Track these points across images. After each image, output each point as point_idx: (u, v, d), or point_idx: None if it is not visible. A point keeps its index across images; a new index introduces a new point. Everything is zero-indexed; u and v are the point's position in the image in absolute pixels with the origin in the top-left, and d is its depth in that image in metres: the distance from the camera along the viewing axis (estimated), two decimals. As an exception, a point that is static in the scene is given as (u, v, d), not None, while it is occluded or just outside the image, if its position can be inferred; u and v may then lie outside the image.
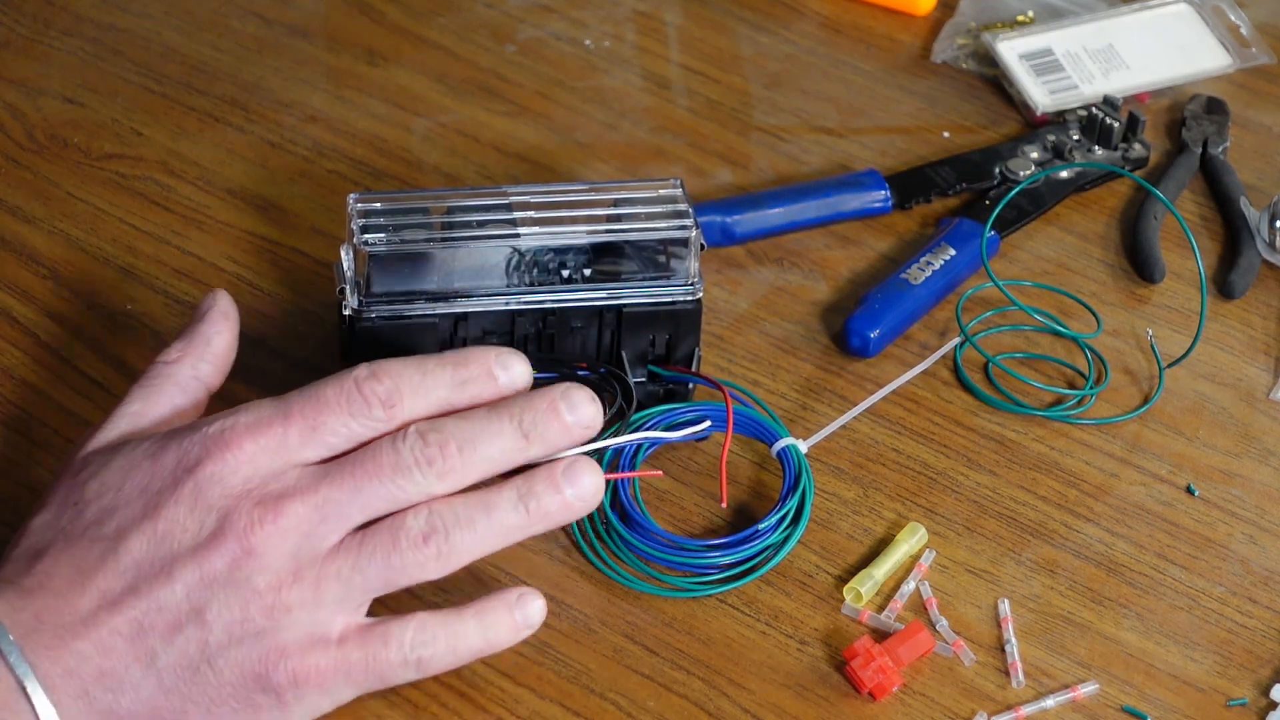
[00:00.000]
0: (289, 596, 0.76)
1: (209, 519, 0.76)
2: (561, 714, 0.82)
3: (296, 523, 0.76)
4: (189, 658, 0.75)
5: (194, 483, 0.77)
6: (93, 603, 0.75)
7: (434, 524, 0.78)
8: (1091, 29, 1.19)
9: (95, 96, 1.12)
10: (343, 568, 0.77)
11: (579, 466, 0.80)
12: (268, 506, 0.76)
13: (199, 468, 0.77)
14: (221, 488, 0.77)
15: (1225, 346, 1.01)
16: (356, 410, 0.78)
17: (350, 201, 0.91)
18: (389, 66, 1.16)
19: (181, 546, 0.76)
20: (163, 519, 0.76)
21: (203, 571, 0.75)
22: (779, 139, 1.13)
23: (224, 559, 0.76)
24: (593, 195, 0.93)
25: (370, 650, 0.77)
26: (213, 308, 0.87)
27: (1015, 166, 1.09)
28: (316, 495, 0.77)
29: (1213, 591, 0.89)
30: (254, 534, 0.76)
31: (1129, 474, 0.94)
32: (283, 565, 0.76)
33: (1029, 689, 0.84)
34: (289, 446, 0.78)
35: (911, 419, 0.96)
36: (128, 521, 0.76)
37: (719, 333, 1.00)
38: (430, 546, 0.77)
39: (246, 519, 0.76)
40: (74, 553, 0.76)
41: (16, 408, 0.94)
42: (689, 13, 1.21)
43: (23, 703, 0.73)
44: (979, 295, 1.02)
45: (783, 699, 0.83)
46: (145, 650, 0.75)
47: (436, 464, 0.78)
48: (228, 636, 0.75)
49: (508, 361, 0.81)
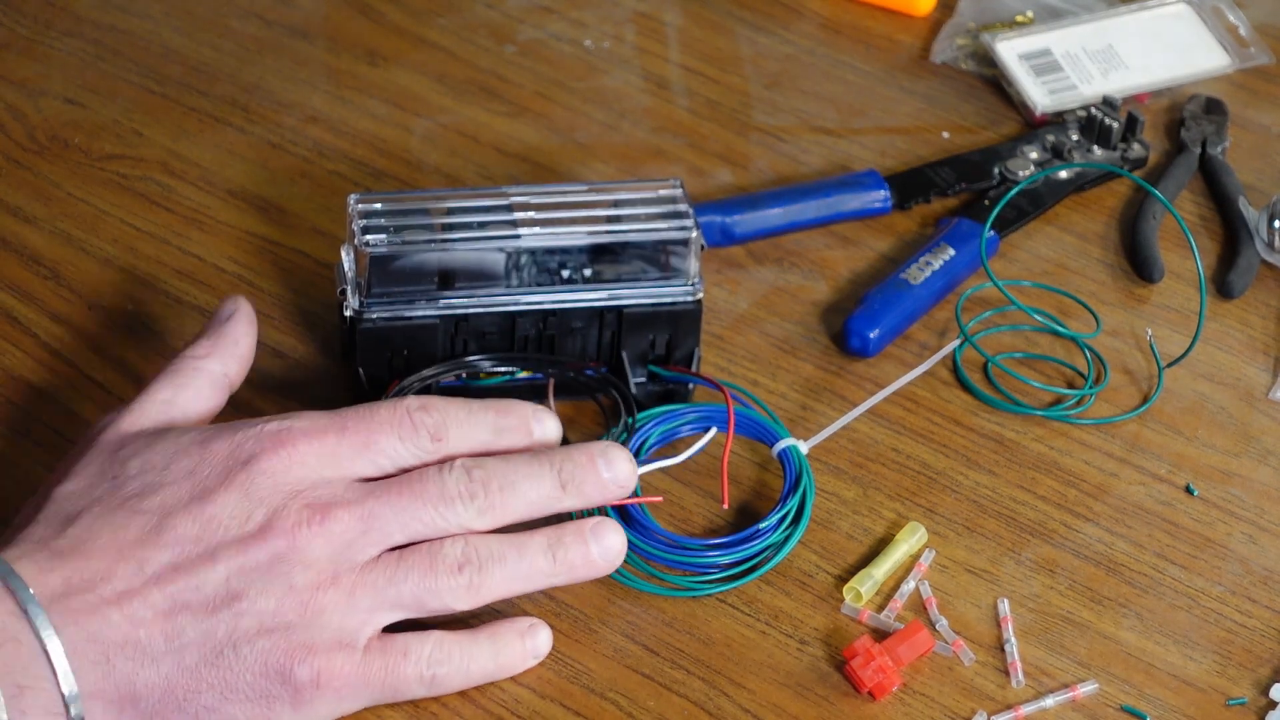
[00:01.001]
0: (324, 598, 0.78)
1: (258, 511, 0.78)
2: (561, 714, 0.82)
3: (341, 530, 0.78)
4: (216, 641, 0.76)
5: (247, 474, 0.78)
6: (129, 572, 0.76)
7: (469, 554, 0.80)
8: (1091, 29, 1.19)
9: (96, 97, 1.12)
10: (378, 580, 0.79)
11: (606, 526, 0.83)
12: (316, 509, 0.78)
13: (254, 461, 0.79)
14: (273, 483, 0.78)
15: (1224, 346, 1.01)
16: (406, 435, 0.81)
17: (351, 202, 0.91)
18: (389, 67, 1.16)
19: (227, 533, 0.77)
20: (212, 503, 0.78)
21: (245, 559, 0.77)
22: (779, 139, 1.13)
23: (267, 551, 0.77)
24: (593, 196, 0.93)
25: (389, 661, 0.79)
26: (238, 310, 0.88)
27: (1014, 167, 1.09)
28: (363, 508, 0.79)
29: (1212, 591, 0.89)
30: (300, 532, 0.78)
31: (1128, 474, 0.94)
32: (322, 567, 0.78)
33: (1029, 688, 0.84)
34: (341, 457, 0.80)
35: (911, 419, 0.96)
36: (174, 501, 0.78)
37: (719, 333, 1.00)
38: (464, 575, 0.80)
39: (295, 517, 0.78)
40: (113, 521, 0.77)
41: (16, 408, 0.94)
42: (689, 13, 1.22)
43: (43, 666, 0.73)
44: (978, 295, 1.02)
45: (783, 699, 0.83)
46: (174, 627, 0.76)
47: (478, 499, 0.81)
48: (258, 625, 0.76)
49: (543, 418, 0.85)
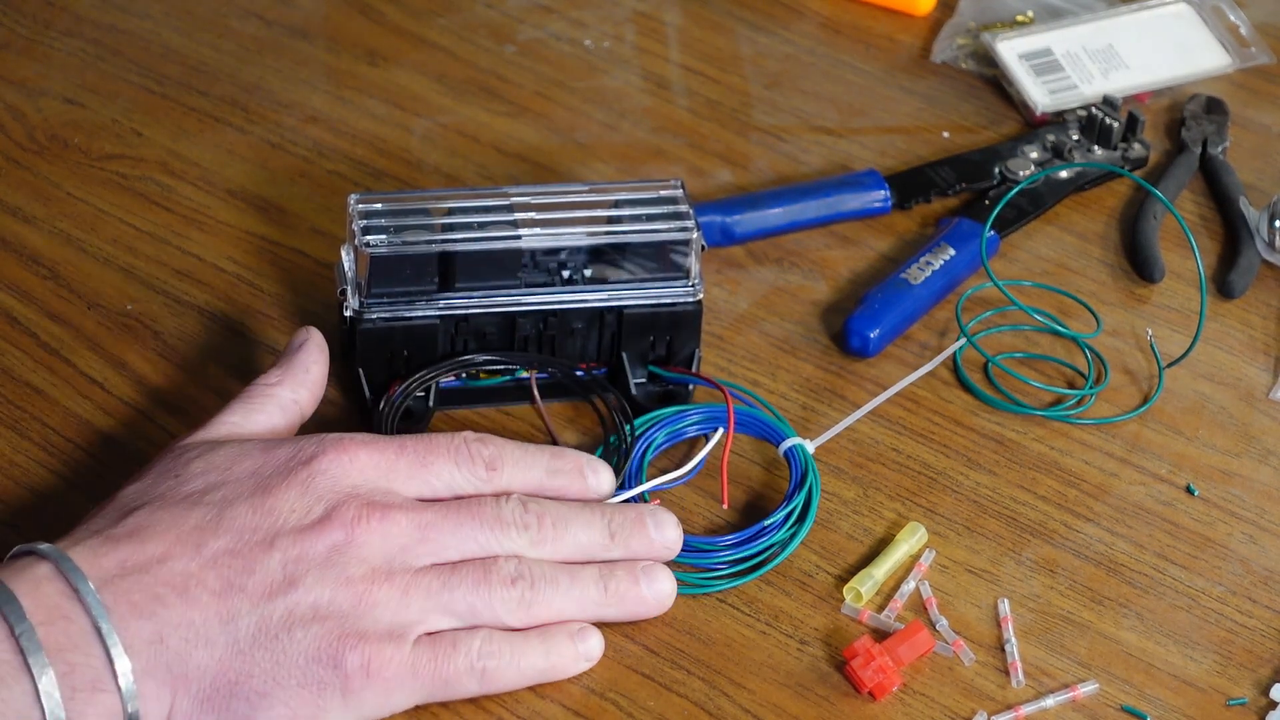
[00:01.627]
0: (378, 592, 0.79)
1: (317, 506, 0.80)
2: (561, 714, 0.82)
3: (398, 532, 0.80)
4: (270, 624, 0.77)
5: (308, 472, 0.80)
6: (186, 554, 0.77)
7: (523, 571, 0.81)
8: (1091, 29, 1.19)
9: (95, 97, 1.12)
10: (432, 583, 0.80)
11: (657, 569, 0.85)
12: (375, 508, 0.80)
13: (315, 460, 0.81)
14: (333, 482, 0.80)
15: (1225, 346, 1.01)
16: (462, 463, 0.83)
17: (351, 202, 0.91)
18: (389, 67, 1.16)
19: (287, 524, 0.79)
20: (272, 496, 0.79)
21: (303, 548, 0.78)
22: (779, 139, 1.13)
23: (325, 543, 0.79)
24: (593, 196, 0.93)
25: (439, 654, 0.79)
26: (309, 340, 0.90)
27: (1015, 166, 1.09)
28: (421, 518, 0.81)
29: (1212, 591, 0.89)
30: (359, 526, 0.79)
31: (1129, 474, 0.94)
32: (378, 563, 0.79)
33: (1029, 688, 0.84)
34: (398, 472, 0.82)
35: (911, 419, 0.96)
36: (235, 494, 0.79)
37: (719, 333, 1.00)
38: (516, 589, 0.81)
39: (354, 512, 0.80)
40: (173, 511, 0.78)
41: (16, 408, 0.94)
42: (689, 13, 1.22)
43: (96, 645, 0.74)
44: (979, 295, 1.02)
45: (783, 699, 0.83)
46: (229, 609, 0.76)
47: (532, 530, 0.82)
48: (312, 612, 0.77)
49: (598, 468, 0.87)
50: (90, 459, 0.91)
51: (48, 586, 0.74)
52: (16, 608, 0.73)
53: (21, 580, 0.75)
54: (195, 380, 0.95)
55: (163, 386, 0.95)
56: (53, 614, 0.74)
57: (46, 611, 0.74)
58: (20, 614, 0.73)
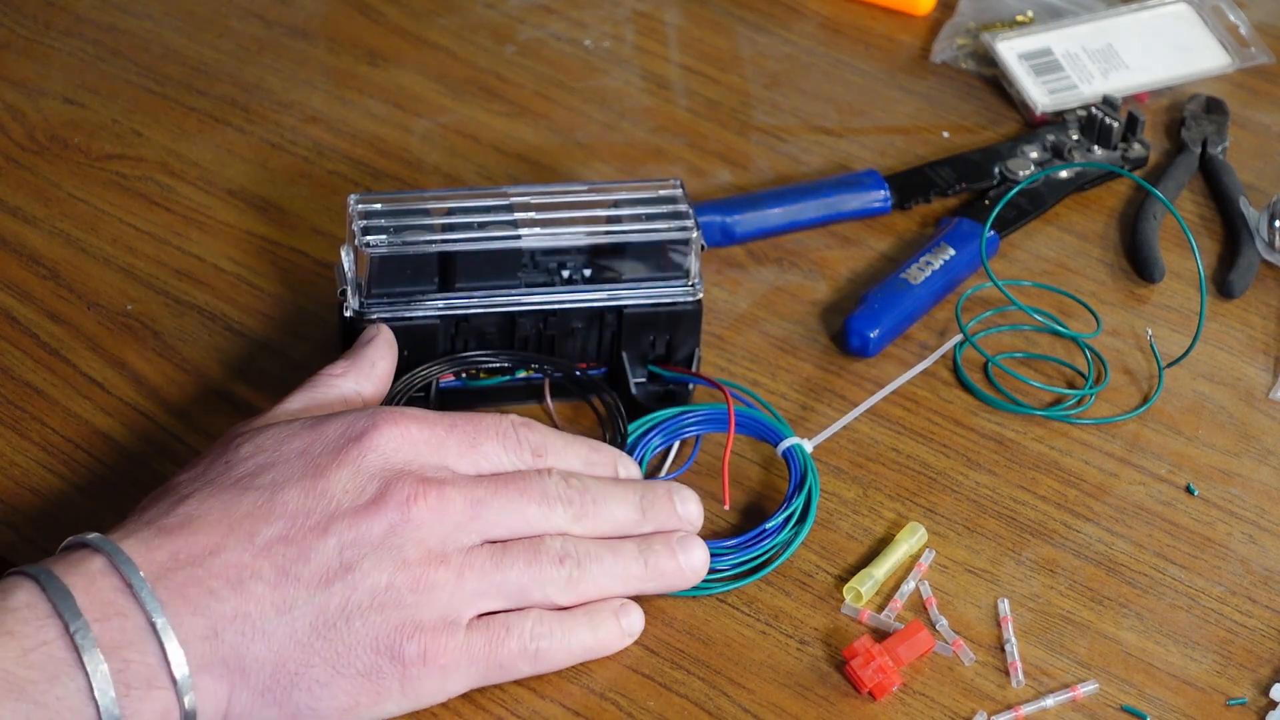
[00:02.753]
0: (435, 575, 0.78)
1: (371, 485, 0.79)
2: (561, 714, 0.82)
3: (452, 508, 0.80)
4: (327, 614, 0.77)
5: (359, 449, 0.79)
6: (239, 544, 0.76)
7: (569, 549, 0.82)
8: (1091, 29, 1.19)
9: (96, 97, 1.12)
10: (486, 564, 0.80)
11: (692, 540, 0.85)
12: (430, 485, 0.79)
13: (365, 437, 0.80)
14: (384, 460, 0.80)
15: (1225, 346, 1.01)
16: (510, 447, 0.83)
17: (351, 202, 0.91)
18: (389, 67, 1.16)
19: (340, 506, 0.78)
20: (324, 478, 0.79)
21: (358, 532, 0.78)
22: (779, 139, 1.13)
23: (382, 524, 0.78)
24: (593, 196, 0.93)
25: (493, 636, 0.80)
26: (377, 337, 0.89)
27: (1015, 166, 1.09)
28: (473, 494, 0.81)
29: (1212, 591, 0.89)
30: (415, 505, 0.79)
31: (1128, 474, 0.94)
32: (434, 544, 0.79)
33: (1029, 688, 0.84)
34: (448, 449, 0.82)
35: (911, 419, 0.96)
36: (286, 477, 0.79)
37: (719, 333, 1.00)
38: (565, 568, 0.81)
39: (410, 490, 0.79)
40: (224, 498, 0.78)
41: (16, 408, 0.94)
42: (689, 13, 1.22)
43: (151, 641, 0.74)
44: (979, 295, 1.02)
45: (783, 699, 0.83)
46: (285, 599, 0.76)
47: (575, 505, 0.83)
48: (370, 599, 0.77)
49: (628, 463, 0.88)
50: (90, 459, 0.92)
51: (102, 581, 0.74)
52: (71, 604, 0.73)
53: (76, 575, 0.74)
54: (195, 380, 0.95)
55: (163, 386, 0.95)
56: (107, 610, 0.73)
57: (101, 608, 0.73)
58: (75, 610, 0.73)
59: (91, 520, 0.88)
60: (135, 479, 0.90)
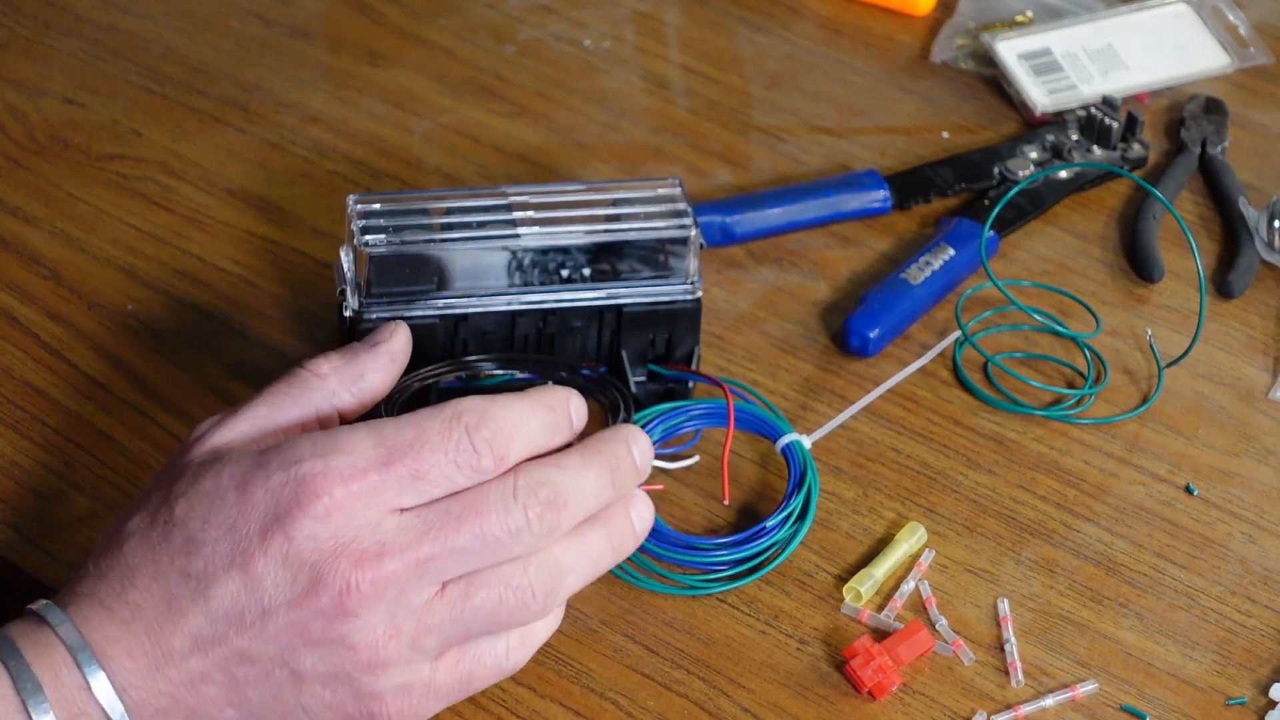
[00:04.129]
0: (386, 652, 0.74)
1: (302, 575, 0.73)
2: (561, 713, 0.82)
3: (393, 580, 0.74)
4: (283, 703, 0.75)
5: (284, 535, 0.73)
6: (184, 644, 0.74)
7: (542, 576, 0.76)
8: (1090, 29, 1.19)
9: (96, 97, 1.12)
10: (444, 620, 0.75)
11: (639, 499, 0.81)
12: (364, 565, 0.73)
13: (289, 519, 0.74)
14: (314, 543, 0.74)
15: (1224, 346, 1.01)
16: (464, 461, 0.76)
17: (350, 202, 0.91)
18: (389, 67, 1.16)
19: (274, 601, 0.74)
20: (253, 570, 0.74)
21: (297, 629, 0.74)
22: (779, 139, 1.13)
23: (320, 620, 0.73)
24: (592, 195, 0.93)
25: (462, 672, 0.77)
26: (382, 344, 0.84)
27: (1014, 166, 1.09)
28: (416, 553, 0.74)
29: (1212, 591, 0.89)
30: (350, 596, 0.73)
31: (1128, 473, 0.94)
32: (380, 623, 0.74)
33: (1028, 688, 0.84)
34: (385, 495, 0.75)
35: (911, 419, 0.96)
36: (215, 564, 0.74)
37: (719, 333, 1.00)
38: (538, 599, 0.76)
39: (342, 580, 0.73)
40: (165, 584, 0.75)
41: (17, 408, 0.94)
42: (689, 13, 1.22)
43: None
44: (978, 295, 1.02)
45: (783, 698, 0.83)
46: (237, 695, 0.74)
47: (547, 519, 0.76)
48: (322, 687, 0.75)
49: (578, 404, 0.80)
50: (90, 459, 0.92)
51: (65, 676, 0.73)
52: (41, 699, 0.72)
53: (44, 667, 0.73)
54: (195, 380, 0.96)
55: (163, 386, 0.95)
56: (72, 709, 0.73)
57: (67, 706, 0.73)
58: (45, 708, 0.72)
59: (91, 520, 0.88)
60: (135, 479, 0.90)
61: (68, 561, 0.87)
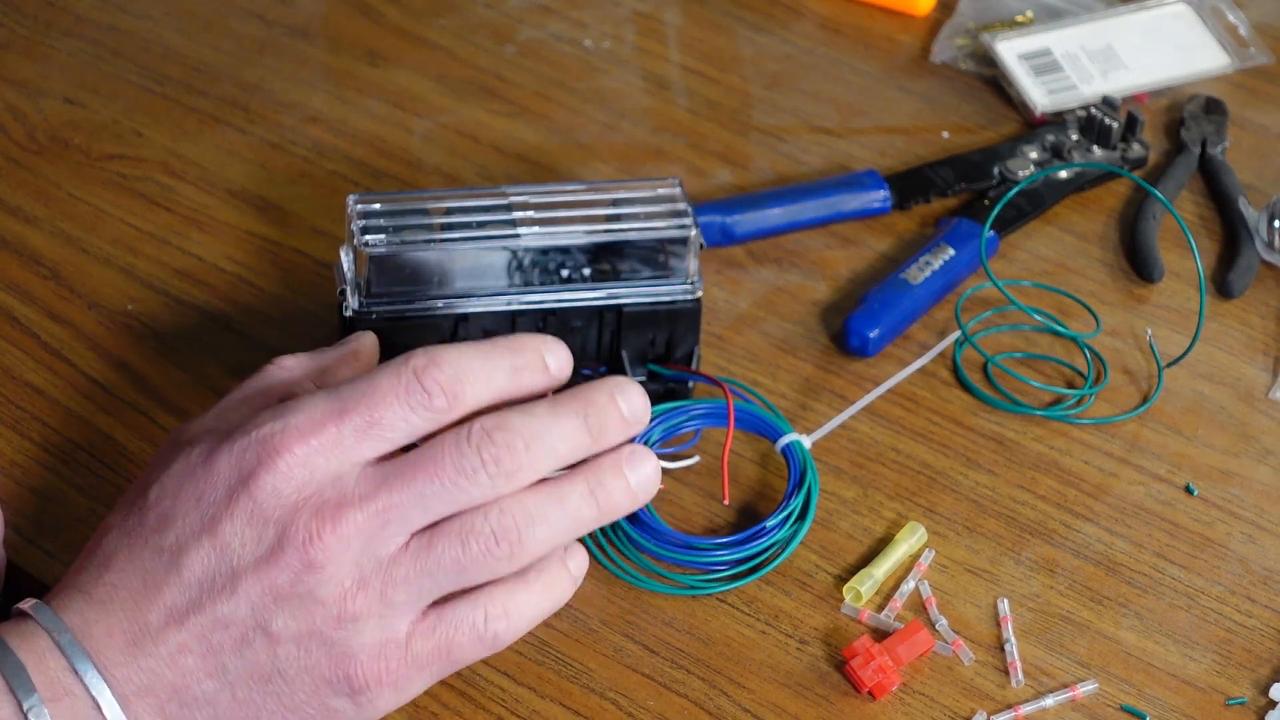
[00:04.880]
0: (355, 605, 0.75)
1: (267, 532, 0.74)
2: (561, 713, 0.82)
3: (356, 530, 0.74)
4: (260, 669, 0.75)
5: (248, 494, 0.75)
6: (160, 618, 0.74)
7: (504, 523, 0.76)
8: (1090, 29, 1.19)
9: (96, 97, 1.12)
10: (410, 573, 0.75)
11: (640, 454, 0.79)
12: (325, 516, 0.74)
13: (252, 479, 0.75)
14: (276, 498, 0.74)
15: (1224, 346, 1.01)
16: (417, 403, 0.75)
17: (350, 202, 0.91)
18: (389, 67, 1.16)
19: (243, 561, 0.74)
20: (220, 533, 0.75)
21: (265, 585, 0.74)
22: (779, 139, 1.13)
23: (287, 573, 0.74)
24: (592, 195, 0.93)
25: (439, 639, 0.76)
26: (349, 345, 0.86)
27: (1014, 166, 1.09)
28: (376, 502, 0.75)
29: (1211, 590, 0.89)
30: (313, 546, 0.74)
31: (1128, 473, 0.94)
32: (346, 575, 0.75)
33: (1028, 688, 0.84)
34: (344, 446, 0.75)
35: (911, 419, 0.96)
36: (186, 534, 0.75)
37: (719, 333, 1.00)
38: (502, 546, 0.75)
39: (305, 531, 0.74)
40: (139, 563, 0.76)
41: (17, 408, 0.94)
42: (689, 13, 1.22)
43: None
44: (978, 295, 1.02)
45: (783, 698, 0.83)
46: (216, 664, 0.75)
47: (504, 463, 0.75)
48: (296, 647, 0.75)
49: (555, 349, 0.79)
50: (90, 459, 0.92)
51: (50, 660, 0.74)
52: (26, 681, 0.73)
53: (29, 652, 0.74)
54: (195, 380, 0.96)
55: (163, 386, 0.95)
56: (57, 690, 0.73)
57: (52, 688, 0.73)
58: (30, 688, 0.72)
59: (91, 520, 0.88)
60: (135, 479, 0.90)
61: (67, 561, 0.86)
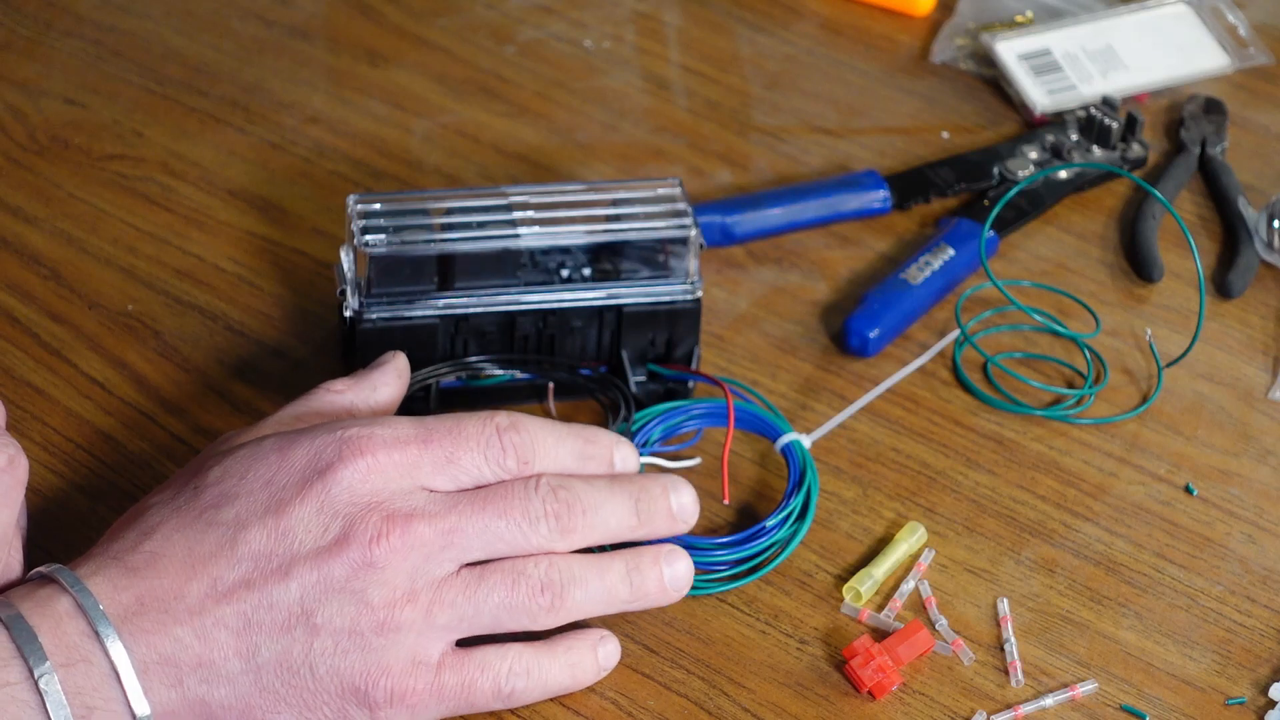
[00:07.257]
0: (401, 615, 0.76)
1: (334, 524, 0.76)
2: (561, 713, 0.82)
3: (421, 542, 0.77)
4: (291, 659, 0.75)
5: (323, 484, 0.76)
6: (202, 590, 0.75)
7: (553, 576, 0.79)
8: (1090, 29, 1.19)
9: (96, 97, 1.12)
10: (458, 598, 0.77)
11: (679, 554, 0.83)
12: (395, 521, 0.76)
13: (330, 471, 0.77)
14: (350, 495, 0.77)
15: (1224, 346, 1.01)
16: (493, 455, 0.80)
17: (350, 202, 0.91)
18: (389, 67, 1.16)
19: (303, 547, 0.76)
20: (286, 516, 0.76)
21: (320, 575, 0.75)
22: (778, 139, 1.13)
23: (344, 566, 0.75)
24: (592, 195, 0.94)
25: (465, 677, 0.78)
26: (388, 363, 0.87)
27: (1014, 167, 1.09)
28: (445, 521, 0.77)
29: (1211, 590, 0.89)
30: (378, 546, 0.76)
31: (1128, 473, 0.94)
32: (400, 583, 0.76)
33: (1028, 688, 0.84)
34: (422, 470, 0.78)
35: (911, 419, 0.96)
36: (249, 512, 0.76)
37: (719, 333, 1.00)
38: (546, 596, 0.79)
39: (373, 530, 0.76)
40: (188, 534, 0.76)
41: (17, 407, 0.94)
42: (689, 13, 1.22)
43: (114, 689, 0.73)
44: (978, 295, 1.02)
45: (783, 698, 0.83)
46: (249, 645, 0.75)
47: (563, 520, 0.79)
48: (334, 644, 0.75)
49: (624, 449, 0.84)
50: (90, 459, 0.92)
51: (68, 625, 0.73)
52: (37, 647, 0.72)
53: (43, 617, 0.73)
54: (195, 380, 0.96)
55: (163, 386, 0.95)
56: (72, 655, 0.73)
57: (66, 652, 0.73)
58: (41, 654, 0.72)
59: (91, 520, 0.88)
60: (135, 479, 0.90)
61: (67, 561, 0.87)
